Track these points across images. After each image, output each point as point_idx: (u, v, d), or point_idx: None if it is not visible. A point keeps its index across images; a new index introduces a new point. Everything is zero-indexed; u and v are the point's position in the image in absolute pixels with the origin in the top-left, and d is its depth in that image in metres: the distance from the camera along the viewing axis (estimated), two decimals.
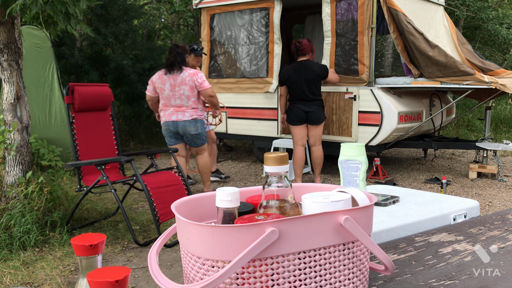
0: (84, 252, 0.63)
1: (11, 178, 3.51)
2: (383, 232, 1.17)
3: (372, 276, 0.88)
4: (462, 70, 4.74)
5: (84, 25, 3.35)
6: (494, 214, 1.26)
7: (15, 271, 2.88)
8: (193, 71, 4.36)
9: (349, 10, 5.28)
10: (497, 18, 10.21)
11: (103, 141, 3.85)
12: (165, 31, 10.92)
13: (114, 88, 8.09)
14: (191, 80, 4.30)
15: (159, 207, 3.34)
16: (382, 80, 5.21)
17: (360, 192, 0.76)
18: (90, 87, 3.77)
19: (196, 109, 4.42)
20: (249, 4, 6.05)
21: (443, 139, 5.79)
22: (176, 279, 2.81)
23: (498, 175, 5.37)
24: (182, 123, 4.38)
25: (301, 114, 4.81)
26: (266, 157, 0.75)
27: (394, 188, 1.58)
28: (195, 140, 4.49)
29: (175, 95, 4.36)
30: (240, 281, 0.65)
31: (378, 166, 5.33)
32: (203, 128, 4.50)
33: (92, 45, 8.00)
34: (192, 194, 1.75)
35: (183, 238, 0.70)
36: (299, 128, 4.88)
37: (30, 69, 5.60)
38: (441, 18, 5.93)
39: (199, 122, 4.43)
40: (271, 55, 5.91)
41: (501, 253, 0.98)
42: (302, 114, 4.81)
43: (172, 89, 4.34)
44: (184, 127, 4.39)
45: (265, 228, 0.64)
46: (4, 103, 3.51)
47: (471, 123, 9.60)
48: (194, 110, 4.40)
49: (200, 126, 4.45)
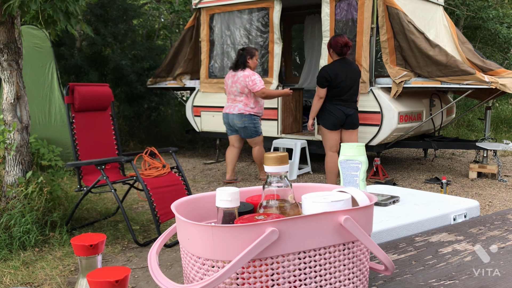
0: (84, 252, 0.63)
1: (11, 178, 3.51)
2: (383, 232, 1.17)
3: (372, 276, 0.88)
4: (463, 70, 4.74)
5: (84, 25, 3.35)
6: (494, 214, 1.26)
7: (15, 271, 2.88)
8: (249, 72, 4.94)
9: (348, 10, 5.28)
10: (498, 18, 10.21)
11: (103, 141, 3.85)
12: (164, 31, 10.92)
13: (114, 88, 8.09)
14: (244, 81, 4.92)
15: (159, 207, 3.33)
16: (382, 80, 5.21)
17: (360, 192, 0.76)
18: (90, 87, 3.77)
19: (246, 105, 4.98)
20: (248, 4, 6.05)
21: (443, 139, 5.79)
22: (176, 279, 2.81)
23: (498, 175, 5.36)
24: (231, 116, 5.04)
25: (342, 117, 4.42)
26: (266, 157, 0.75)
27: (394, 188, 1.58)
28: (243, 132, 5.08)
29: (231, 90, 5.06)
30: (240, 281, 0.65)
31: (378, 166, 5.33)
32: (251, 123, 5.00)
33: (92, 45, 8.00)
34: (192, 194, 1.75)
35: (183, 238, 0.70)
36: (336, 134, 4.50)
37: (30, 69, 5.60)
38: (441, 18, 5.93)
39: (246, 117, 4.98)
40: (271, 55, 5.92)
41: (501, 253, 0.98)
42: (343, 117, 4.42)
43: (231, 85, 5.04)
44: (232, 120, 5.05)
45: (265, 228, 0.64)
46: (4, 103, 3.51)
47: (471, 123, 9.60)
48: (244, 106, 4.99)
49: (248, 121, 4.98)
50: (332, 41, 4.44)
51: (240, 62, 5.00)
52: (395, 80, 5.02)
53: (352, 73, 4.41)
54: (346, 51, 4.40)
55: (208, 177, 5.80)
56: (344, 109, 4.41)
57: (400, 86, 5.02)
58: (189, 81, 6.89)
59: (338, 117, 4.40)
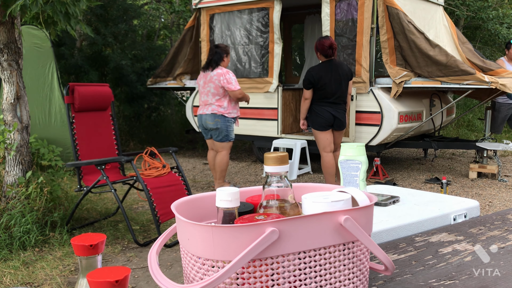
0: (84, 252, 0.63)
1: (11, 178, 3.51)
2: (383, 232, 1.17)
3: (372, 276, 0.88)
4: (463, 69, 4.74)
5: (84, 25, 3.35)
6: (494, 214, 1.26)
7: (15, 271, 2.88)
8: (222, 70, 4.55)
9: (348, 10, 5.28)
10: (497, 18, 10.21)
11: (103, 141, 3.85)
12: (164, 31, 10.92)
13: (114, 88, 8.10)
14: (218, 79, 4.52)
15: (159, 207, 3.33)
16: (382, 80, 5.21)
17: (360, 192, 0.76)
18: (90, 87, 3.77)
19: (219, 106, 4.59)
20: (248, 4, 6.05)
21: (443, 139, 5.79)
22: (176, 279, 2.81)
23: (498, 175, 5.36)
24: (205, 117, 4.65)
25: (330, 119, 4.42)
26: (266, 157, 0.75)
27: (394, 188, 1.58)
28: (215, 134, 4.66)
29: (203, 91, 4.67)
30: (240, 281, 0.65)
31: (378, 166, 5.33)
32: (224, 124, 4.59)
33: (92, 45, 8.00)
34: (192, 194, 1.75)
35: (183, 238, 0.70)
36: (327, 134, 4.49)
37: (30, 69, 5.60)
38: (441, 18, 5.93)
39: (219, 117, 4.57)
40: (271, 55, 5.92)
41: (501, 253, 0.98)
42: (331, 119, 4.42)
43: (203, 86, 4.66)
44: (205, 120, 4.65)
45: (265, 228, 0.64)
46: (4, 103, 3.51)
47: (471, 123, 9.60)
48: (217, 107, 4.59)
49: (221, 122, 4.57)
50: (317, 43, 4.42)
51: (213, 60, 4.62)
52: (395, 80, 5.02)
53: (338, 75, 4.36)
54: (331, 53, 4.39)
55: (208, 177, 5.80)
56: (332, 110, 4.40)
57: (400, 86, 5.01)
58: (189, 81, 6.89)
59: (325, 118, 4.41)
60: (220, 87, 4.52)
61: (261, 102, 6.07)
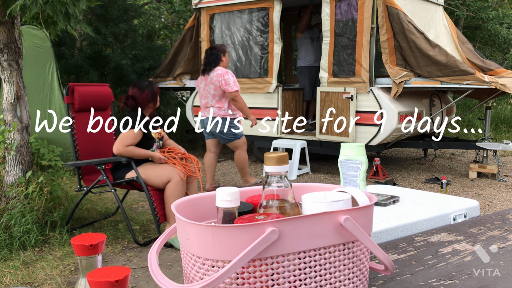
0: (84, 252, 0.63)
1: (11, 178, 3.51)
2: (383, 232, 1.17)
3: (372, 276, 0.88)
4: (463, 69, 4.74)
5: (84, 25, 3.35)
6: (494, 214, 1.26)
7: (15, 271, 2.88)
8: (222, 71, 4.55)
9: (348, 10, 5.28)
10: (497, 18, 10.22)
11: (103, 141, 3.85)
12: (165, 31, 10.92)
13: (114, 88, 8.10)
14: (217, 80, 4.53)
15: (159, 207, 3.34)
16: (382, 80, 5.21)
17: (360, 192, 0.76)
18: (90, 87, 3.77)
19: (220, 109, 4.62)
20: (248, 4, 6.05)
21: (443, 139, 5.79)
22: (176, 279, 2.81)
23: (498, 175, 5.36)
24: (206, 120, 4.70)
25: None
26: (266, 157, 0.75)
27: (394, 188, 1.58)
28: (221, 137, 4.72)
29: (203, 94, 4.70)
30: (240, 281, 0.65)
31: (378, 166, 5.33)
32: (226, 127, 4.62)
33: (92, 45, 8.00)
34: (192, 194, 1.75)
35: (183, 238, 0.70)
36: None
37: (30, 69, 5.60)
38: (440, 18, 5.93)
39: (220, 120, 4.61)
40: (271, 55, 5.91)
41: (501, 253, 0.98)
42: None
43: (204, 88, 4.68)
44: (207, 125, 4.70)
45: (265, 228, 0.64)
46: (4, 103, 3.51)
47: (471, 123, 9.60)
48: (218, 109, 4.63)
49: (223, 125, 4.61)
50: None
51: (211, 61, 4.63)
52: (395, 80, 5.02)
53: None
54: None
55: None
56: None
57: (400, 86, 5.01)
58: (189, 81, 6.88)
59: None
60: (219, 87, 4.54)
61: (261, 102, 6.07)
